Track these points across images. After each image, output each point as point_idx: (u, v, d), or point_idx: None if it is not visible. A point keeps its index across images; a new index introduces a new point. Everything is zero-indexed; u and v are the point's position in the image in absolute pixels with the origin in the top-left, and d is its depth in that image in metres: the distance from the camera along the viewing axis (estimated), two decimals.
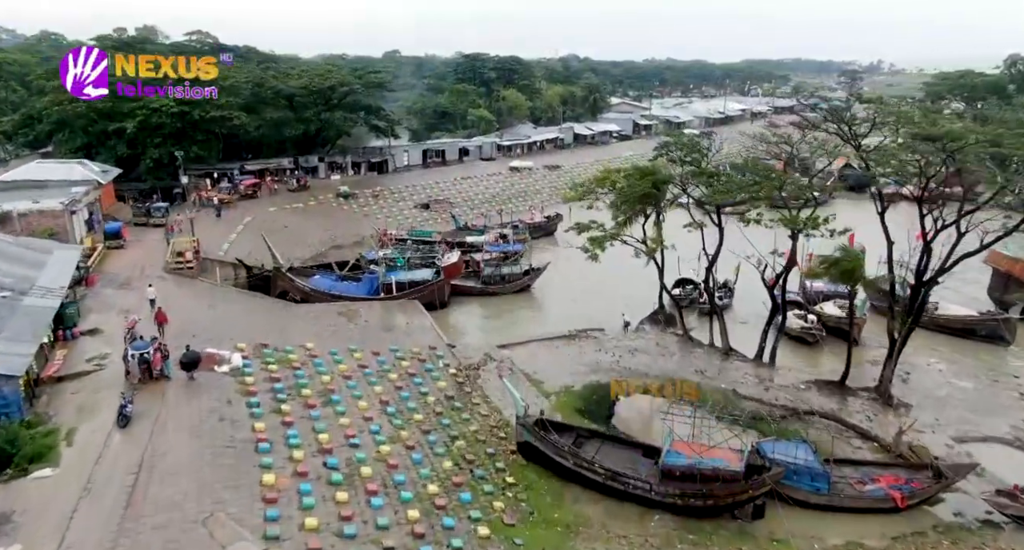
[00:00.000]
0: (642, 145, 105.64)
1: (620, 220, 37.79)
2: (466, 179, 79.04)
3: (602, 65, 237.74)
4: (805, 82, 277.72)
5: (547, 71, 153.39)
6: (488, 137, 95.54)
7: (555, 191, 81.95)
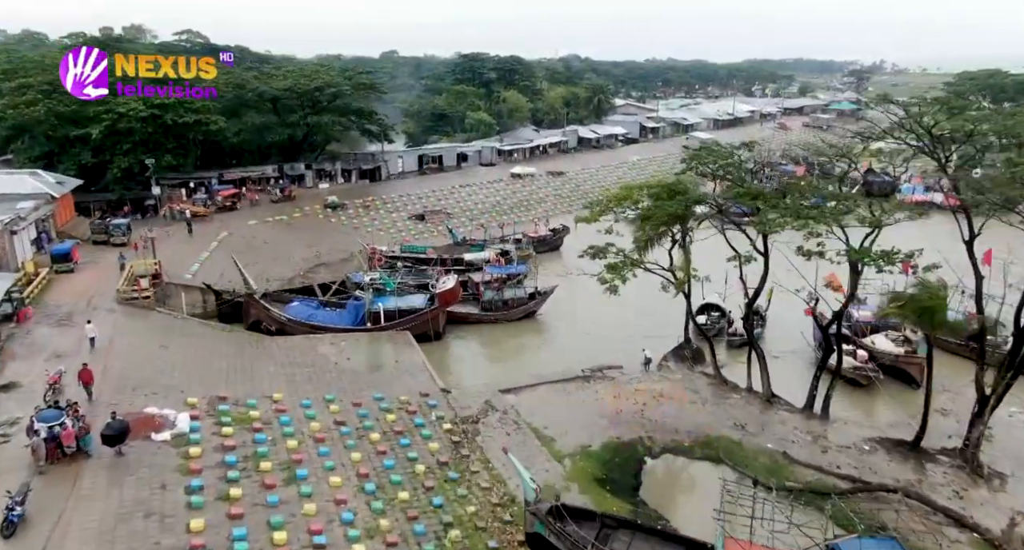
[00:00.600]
0: (650, 149, 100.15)
1: (641, 243, 32.10)
2: (464, 187, 73.44)
3: (603, 65, 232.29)
4: (809, 82, 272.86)
5: (548, 72, 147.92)
6: (488, 141, 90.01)
7: (560, 199, 76.43)
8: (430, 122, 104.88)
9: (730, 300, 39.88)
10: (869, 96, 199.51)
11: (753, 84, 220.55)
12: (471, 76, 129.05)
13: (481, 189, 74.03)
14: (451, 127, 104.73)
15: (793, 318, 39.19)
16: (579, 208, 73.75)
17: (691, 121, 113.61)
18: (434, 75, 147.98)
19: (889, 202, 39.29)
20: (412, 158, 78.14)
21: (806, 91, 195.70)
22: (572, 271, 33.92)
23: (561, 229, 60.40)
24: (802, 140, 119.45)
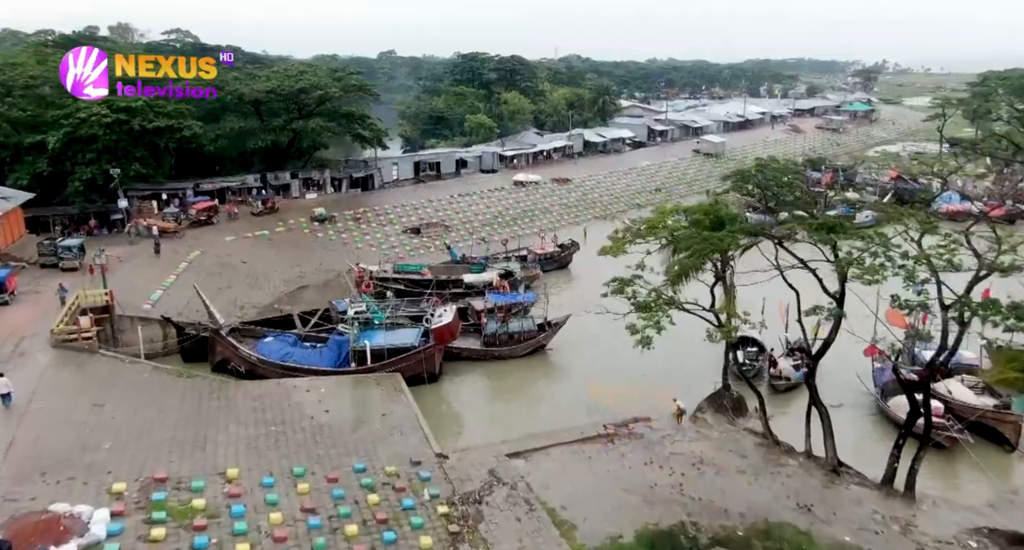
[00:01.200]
0: (659, 153, 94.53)
1: (675, 277, 26.21)
2: (464, 196, 67.76)
3: (604, 66, 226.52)
4: (813, 82, 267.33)
5: (550, 72, 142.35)
6: (489, 146, 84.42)
7: (566, 209, 70.79)
8: (428, 125, 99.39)
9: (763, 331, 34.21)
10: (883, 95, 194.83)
11: (759, 85, 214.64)
12: (471, 77, 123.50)
13: (482, 198, 68.36)
14: (450, 130, 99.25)
15: (844, 356, 33.42)
16: (588, 218, 68.34)
17: (700, 123, 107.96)
18: (432, 76, 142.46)
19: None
20: (408, 165, 72.54)
21: (815, 91, 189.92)
22: (592, 310, 28.19)
23: (570, 245, 54.80)
24: (819, 143, 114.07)
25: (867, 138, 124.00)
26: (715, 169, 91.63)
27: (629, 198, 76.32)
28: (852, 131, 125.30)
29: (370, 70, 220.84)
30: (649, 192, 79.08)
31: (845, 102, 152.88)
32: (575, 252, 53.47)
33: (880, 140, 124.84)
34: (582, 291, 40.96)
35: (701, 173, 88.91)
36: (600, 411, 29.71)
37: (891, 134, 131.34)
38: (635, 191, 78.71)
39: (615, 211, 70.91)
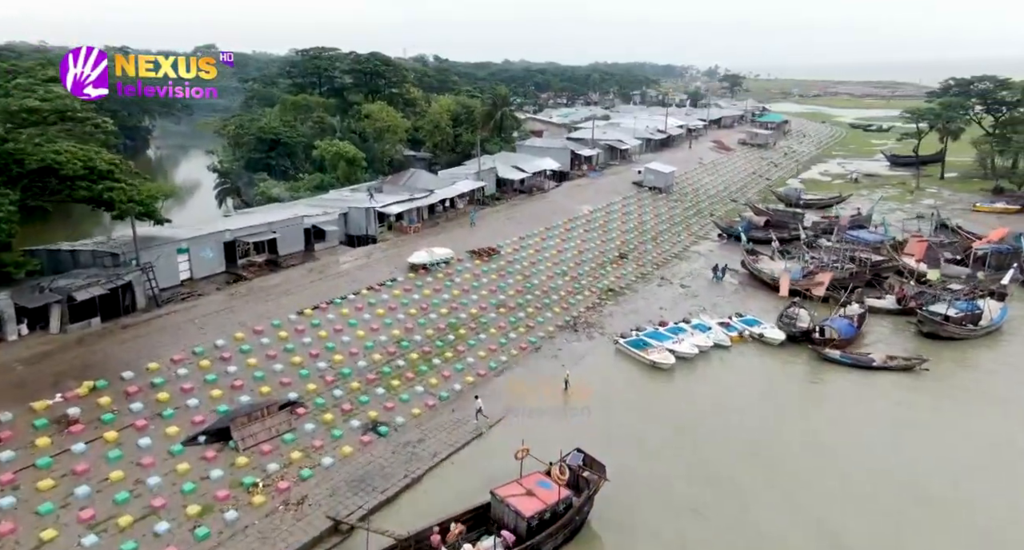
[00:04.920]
0: (594, 190, 65.28)
1: None
2: (318, 324, 34.44)
3: (464, 67, 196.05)
4: (670, 87, 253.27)
5: (417, 75, 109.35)
6: (358, 192, 51.04)
7: (507, 314, 39.42)
8: (257, 153, 63.59)
9: None
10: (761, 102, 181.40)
11: (629, 90, 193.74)
12: (316, 81, 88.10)
13: (358, 317, 35.38)
14: (291, 162, 64.28)
15: None
16: (549, 332, 37.81)
17: (627, 144, 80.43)
18: (264, 77, 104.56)
19: None
20: (212, 250, 37.41)
21: (697, 98, 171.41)
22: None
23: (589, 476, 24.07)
24: (757, 164, 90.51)
25: (794, 155, 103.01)
26: (672, 211, 64.04)
27: (589, 275, 46.44)
28: (775, 146, 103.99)
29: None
30: (611, 261, 49.73)
31: (755, 112, 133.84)
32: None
33: (809, 156, 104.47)
34: None
35: (658, 219, 60.94)
36: None
37: (810, 147, 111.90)
38: (593, 262, 48.94)
39: (583, 313, 40.88)
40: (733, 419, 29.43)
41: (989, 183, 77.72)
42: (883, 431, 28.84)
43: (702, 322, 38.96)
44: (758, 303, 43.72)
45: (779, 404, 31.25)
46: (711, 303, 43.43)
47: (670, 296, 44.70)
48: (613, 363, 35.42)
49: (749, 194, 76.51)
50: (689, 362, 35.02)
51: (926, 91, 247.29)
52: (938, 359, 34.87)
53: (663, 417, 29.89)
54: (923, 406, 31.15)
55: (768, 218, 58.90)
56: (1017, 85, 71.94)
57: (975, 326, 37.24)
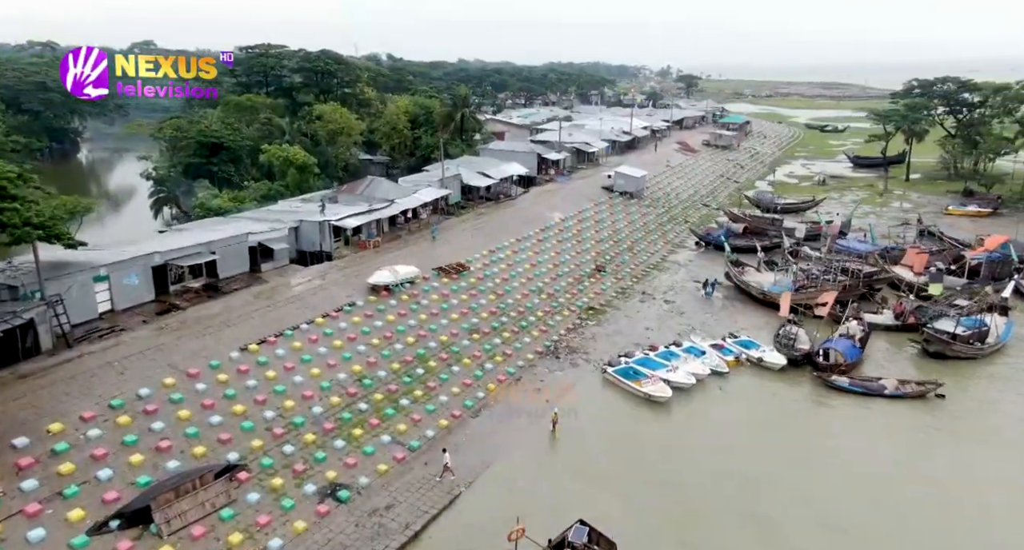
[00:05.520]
0: (562, 196, 61.37)
1: None
2: (251, 382, 29.62)
3: (418, 67, 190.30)
4: (628, 87, 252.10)
5: (371, 74, 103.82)
6: (309, 202, 45.96)
7: (481, 341, 35.15)
8: (197, 158, 57.57)
9: None
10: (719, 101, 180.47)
11: (587, 90, 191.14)
12: (262, 80, 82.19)
13: (300, 366, 30.65)
14: (236, 169, 58.54)
15: None
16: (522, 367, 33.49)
17: (594, 147, 76.89)
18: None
19: None
20: (139, 276, 32.06)
21: (656, 98, 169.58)
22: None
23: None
24: (723, 166, 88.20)
25: (758, 156, 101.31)
26: (646, 218, 60.67)
27: (567, 292, 42.46)
28: (739, 147, 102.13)
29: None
30: (588, 275, 45.90)
31: (715, 112, 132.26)
32: None
33: (772, 157, 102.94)
34: None
35: (632, 227, 57.44)
36: None
37: (772, 148, 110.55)
38: (569, 276, 45.01)
39: (564, 336, 36.83)
40: (736, 471, 25.58)
41: (954, 184, 76.86)
42: (909, 494, 25.18)
43: (694, 345, 35.37)
44: (748, 319, 40.43)
45: (788, 452, 27.34)
46: (699, 321, 39.95)
47: (655, 314, 41.07)
48: (603, 396, 31.50)
49: (720, 198, 73.84)
50: (685, 393, 31.35)
51: (871, 93, 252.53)
52: (949, 384, 31.93)
53: (665, 467, 26.02)
54: (946, 450, 27.64)
55: (747, 225, 55.97)
56: (987, 87, 70.99)
57: (982, 344, 34.58)
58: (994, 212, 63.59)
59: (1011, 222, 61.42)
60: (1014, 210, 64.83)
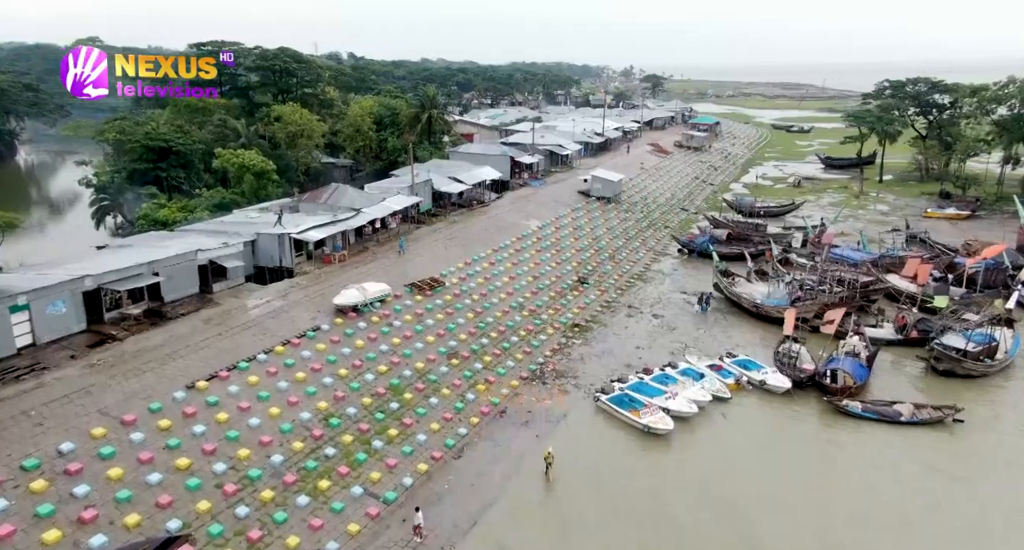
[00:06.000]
0: (537, 201, 58.21)
1: None
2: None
3: (382, 66, 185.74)
4: (594, 87, 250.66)
5: (333, 73, 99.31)
6: (265, 214, 41.82)
7: (454, 370, 31.82)
8: (144, 163, 52.79)
9: None
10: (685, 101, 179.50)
11: (554, 89, 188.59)
12: (218, 79, 76.94)
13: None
14: (188, 175, 53.96)
15: None
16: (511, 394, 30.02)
17: (567, 149, 73.97)
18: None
19: None
20: (63, 306, 27.78)
21: (624, 97, 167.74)
22: None
23: None
24: (697, 168, 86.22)
25: (730, 157, 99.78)
26: (624, 224, 57.99)
27: (549, 307, 39.35)
28: (711, 149, 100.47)
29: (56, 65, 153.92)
30: (570, 288, 42.90)
31: (684, 113, 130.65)
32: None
33: (744, 159, 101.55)
34: None
35: (612, 234, 54.63)
36: None
37: (743, 149, 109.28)
38: (551, 289, 41.91)
39: (549, 358, 33.71)
40: (748, 513, 22.89)
41: (927, 186, 76.12)
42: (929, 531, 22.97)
43: (691, 366, 32.59)
44: (743, 334, 37.87)
45: (802, 491, 24.66)
46: (692, 337, 37.23)
47: (644, 330, 38.22)
48: (597, 428, 28.45)
49: (697, 201, 71.70)
50: (687, 422, 28.50)
51: (829, 92, 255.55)
52: (962, 404, 29.73)
53: (672, 510, 23.10)
54: (968, 484, 25.31)
55: (731, 231, 53.63)
56: (962, 89, 70.20)
57: (992, 360, 32.52)
58: (972, 214, 62.56)
59: (990, 224, 60.54)
60: (992, 212, 64.02)
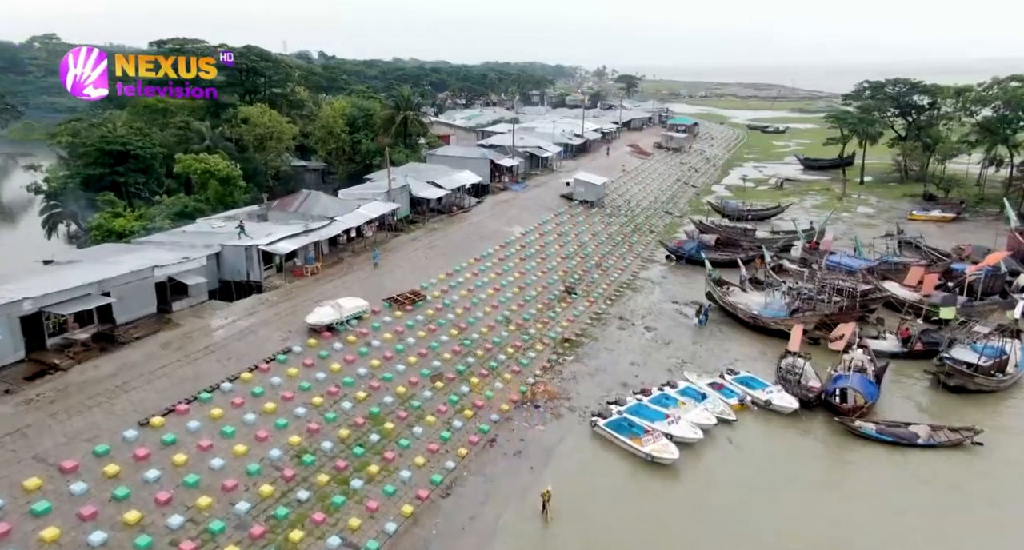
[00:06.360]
0: (519, 207, 55.83)
1: None
2: None
3: (353, 65, 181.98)
4: (570, 87, 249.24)
5: (303, 73, 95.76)
6: (230, 223, 38.68)
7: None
8: (99, 168, 49.21)
9: None
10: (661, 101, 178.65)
11: (528, 89, 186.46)
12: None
13: None
14: (148, 181, 50.51)
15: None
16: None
17: (547, 151, 71.73)
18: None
19: None
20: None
21: (600, 97, 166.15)
22: None
23: None
24: (678, 170, 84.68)
25: (710, 158, 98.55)
26: (609, 229, 55.93)
27: (537, 321, 37.01)
28: (691, 149, 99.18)
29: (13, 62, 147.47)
30: (558, 299, 40.64)
31: (662, 113, 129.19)
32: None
33: (723, 160, 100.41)
34: None
35: (597, 240, 52.49)
36: None
37: (721, 150, 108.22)
38: (538, 301, 39.55)
39: (540, 377, 31.33)
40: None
41: (908, 187, 75.56)
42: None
43: (691, 385, 30.55)
44: (740, 348, 35.98)
45: (818, 526, 22.85)
46: (689, 352, 35.22)
47: (638, 344, 36.13)
48: (596, 457, 26.21)
49: (681, 204, 70.06)
50: (692, 448, 26.41)
51: (800, 93, 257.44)
52: (974, 422, 28.11)
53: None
54: (992, 517, 23.68)
55: (719, 236, 51.88)
56: (945, 90, 69.50)
57: (1003, 374, 31.03)
58: (957, 217, 61.80)
59: (976, 227, 59.84)
60: (976, 214, 63.39)
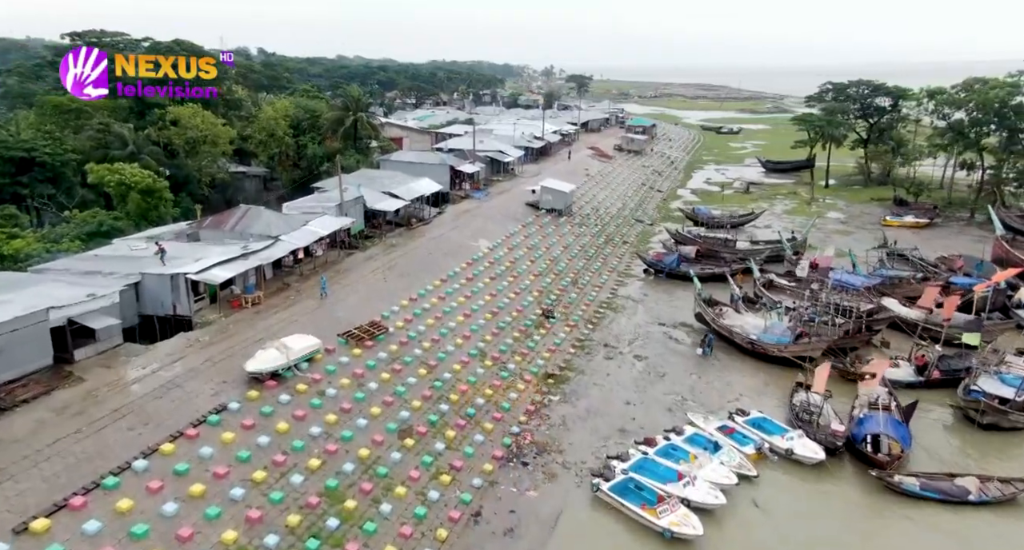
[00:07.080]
0: (483, 216, 51.03)
1: None
2: None
3: (296, 63, 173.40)
4: (522, 87, 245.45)
5: (241, 70, 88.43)
6: (143, 247, 32.66)
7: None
8: (3, 177, 42.17)
9: None
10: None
11: (479, 89, 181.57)
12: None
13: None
14: (58, 192, 43.68)
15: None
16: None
17: (509, 156, 67.07)
18: (27, 71, 78.44)
19: None
20: None
21: (554, 97, 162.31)
22: None
23: None
24: (641, 173, 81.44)
25: (672, 161, 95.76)
26: (580, 240, 51.79)
27: (515, 352, 32.41)
28: (652, 152, 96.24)
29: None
30: (535, 325, 36.15)
31: (618, 114, 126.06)
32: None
33: (684, 162, 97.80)
34: None
35: (569, 253, 48.20)
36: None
37: (680, 152, 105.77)
38: (513, 328, 34.96)
39: (525, 424, 26.74)
40: None
41: (872, 190, 74.18)
42: None
43: (700, 432, 26.51)
44: (742, 379, 32.23)
45: None
46: (687, 386, 31.25)
47: (629, 377, 31.96)
48: (603, 531, 21.79)
49: (649, 210, 66.58)
50: (712, 515, 22.31)
51: (744, 94, 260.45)
52: (1011, 463, 24.99)
53: None
54: None
55: (699, 247, 48.35)
56: (918, 94, 67.89)
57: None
58: (931, 222, 60.15)
59: (950, 232, 58.28)
60: (948, 220, 61.95)
